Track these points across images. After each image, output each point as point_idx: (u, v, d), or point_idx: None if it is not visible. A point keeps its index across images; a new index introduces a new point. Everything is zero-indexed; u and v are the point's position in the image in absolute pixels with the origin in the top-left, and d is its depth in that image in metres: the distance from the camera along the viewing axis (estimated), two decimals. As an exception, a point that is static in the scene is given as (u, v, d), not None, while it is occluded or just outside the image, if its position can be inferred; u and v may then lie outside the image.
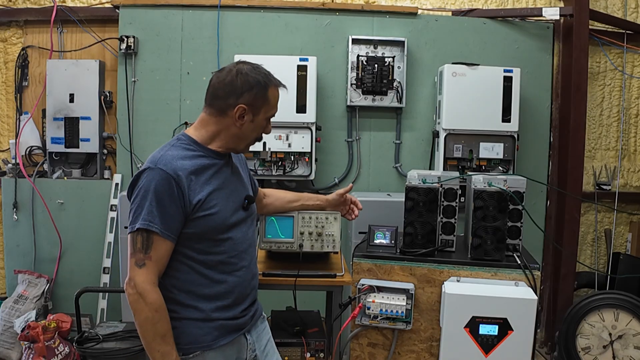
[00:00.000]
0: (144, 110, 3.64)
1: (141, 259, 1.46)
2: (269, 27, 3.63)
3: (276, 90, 1.63)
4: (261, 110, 1.60)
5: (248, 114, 1.58)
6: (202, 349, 1.55)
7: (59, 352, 3.10)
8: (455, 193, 2.09)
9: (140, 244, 1.46)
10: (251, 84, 1.57)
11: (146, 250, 1.46)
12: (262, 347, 1.77)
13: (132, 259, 1.47)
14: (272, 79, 1.62)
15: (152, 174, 1.47)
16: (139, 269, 1.45)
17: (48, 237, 3.61)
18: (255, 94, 1.58)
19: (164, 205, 1.46)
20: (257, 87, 1.58)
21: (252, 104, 1.58)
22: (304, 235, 2.13)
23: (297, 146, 3.44)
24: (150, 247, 1.46)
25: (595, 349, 3.22)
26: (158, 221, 1.45)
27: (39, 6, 3.70)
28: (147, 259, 1.46)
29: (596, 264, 3.94)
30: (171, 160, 1.50)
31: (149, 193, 1.46)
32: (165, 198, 1.46)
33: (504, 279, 2.01)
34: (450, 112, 3.46)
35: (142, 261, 1.46)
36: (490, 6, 3.83)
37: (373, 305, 1.99)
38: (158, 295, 1.47)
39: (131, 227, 1.48)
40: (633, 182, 3.96)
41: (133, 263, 1.46)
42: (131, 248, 1.47)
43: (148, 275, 1.45)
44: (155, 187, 1.46)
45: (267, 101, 1.60)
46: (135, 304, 1.45)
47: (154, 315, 1.45)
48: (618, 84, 3.91)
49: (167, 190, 1.46)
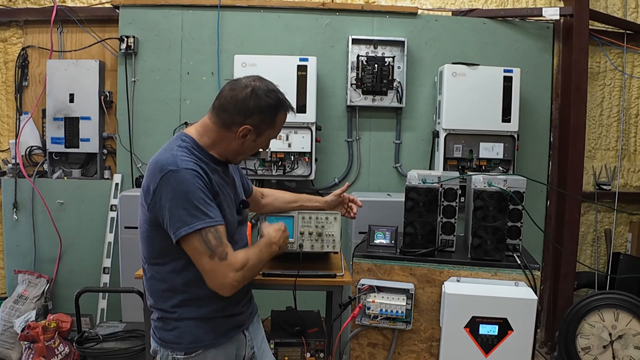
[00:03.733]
0: (144, 110, 3.64)
1: (222, 251, 1.49)
2: (269, 27, 3.63)
3: (285, 115, 1.64)
4: (265, 132, 1.62)
5: (252, 135, 1.59)
6: (204, 347, 1.58)
7: (59, 352, 3.10)
8: (455, 193, 2.09)
9: (215, 240, 1.48)
10: (262, 107, 1.57)
11: (221, 242, 1.49)
12: (258, 344, 1.81)
13: (214, 257, 1.47)
14: (284, 104, 1.63)
15: (181, 174, 1.47)
16: (226, 260, 1.49)
17: (48, 237, 3.61)
18: (263, 118, 1.58)
19: (206, 197, 1.49)
20: (267, 112, 1.58)
21: (258, 126, 1.58)
22: (304, 235, 2.12)
23: (297, 146, 3.44)
24: (222, 238, 1.50)
25: (595, 349, 3.22)
26: (212, 214, 1.49)
27: (39, 6, 3.70)
28: (226, 248, 1.50)
29: (596, 264, 3.94)
30: (188, 159, 1.52)
31: (189, 192, 1.47)
32: (203, 192, 1.49)
33: (504, 279, 2.01)
34: (450, 112, 3.46)
35: (224, 252, 1.49)
36: (490, 6, 3.83)
37: (373, 305, 1.99)
38: (243, 256, 1.53)
39: (186, 229, 1.46)
40: (633, 182, 3.96)
41: (218, 260, 1.48)
42: (206, 249, 1.47)
43: (232, 257, 1.50)
44: (191, 185, 1.47)
45: (273, 126, 1.62)
46: (249, 275, 1.55)
47: (259, 263, 1.60)
48: (618, 84, 3.91)
49: (201, 185, 1.49)
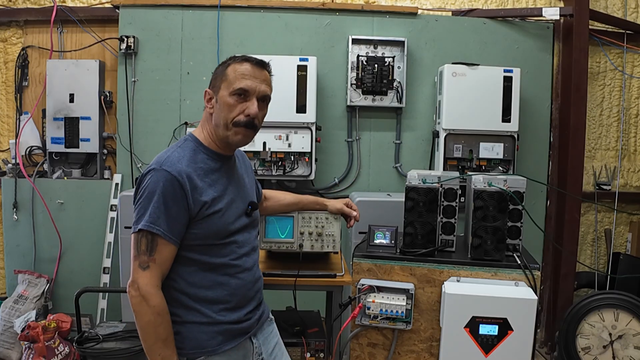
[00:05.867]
0: (144, 110, 3.64)
1: (145, 261, 1.44)
2: (269, 27, 3.63)
3: (239, 65, 1.57)
4: (221, 87, 1.57)
5: (213, 96, 1.59)
6: (206, 354, 1.53)
7: (59, 352, 3.10)
8: (455, 193, 2.09)
9: (145, 246, 1.45)
10: (217, 67, 1.62)
11: (150, 253, 1.45)
12: (269, 351, 1.74)
13: (136, 261, 1.45)
14: (236, 57, 1.60)
15: (157, 175, 1.46)
16: (143, 271, 1.44)
17: (48, 237, 3.61)
18: (216, 75, 1.60)
19: (169, 207, 1.45)
20: (219, 68, 1.61)
21: (213, 84, 1.60)
22: (304, 235, 2.12)
23: (297, 146, 3.44)
24: (154, 250, 1.45)
25: (595, 349, 3.22)
26: (163, 224, 1.44)
27: (39, 6, 3.70)
28: (151, 262, 1.45)
29: (596, 264, 3.94)
30: (177, 161, 1.49)
31: (153, 194, 1.45)
32: (169, 200, 1.45)
33: (504, 279, 2.01)
34: (450, 112, 3.46)
35: (146, 263, 1.44)
36: (490, 6, 3.83)
37: (373, 305, 1.99)
38: (161, 298, 1.46)
39: (134, 227, 1.47)
40: (633, 182, 3.96)
41: (137, 265, 1.45)
42: (135, 250, 1.46)
43: (152, 278, 1.44)
44: (160, 188, 1.45)
45: (225, 76, 1.57)
46: (138, 306, 1.44)
47: (156, 318, 1.44)
48: (618, 84, 3.91)
49: (171, 192, 1.45)
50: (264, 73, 1.60)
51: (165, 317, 1.46)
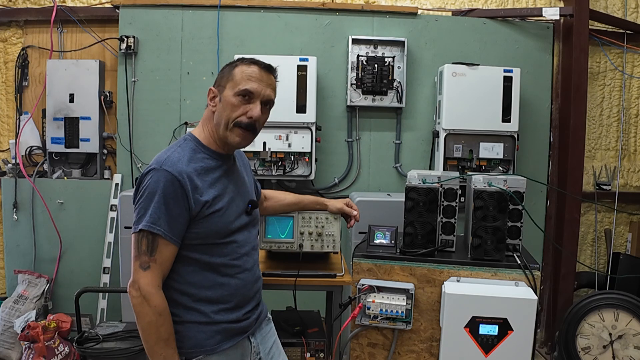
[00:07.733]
0: (144, 110, 3.64)
1: (146, 261, 1.45)
2: (269, 27, 3.63)
3: (246, 67, 1.59)
4: (226, 86, 1.58)
5: (217, 95, 1.60)
6: (205, 352, 1.54)
7: (59, 352, 3.10)
8: (455, 193, 2.09)
9: (146, 246, 1.45)
10: (224, 67, 1.63)
11: (151, 253, 1.45)
12: (267, 350, 1.75)
13: (137, 261, 1.45)
14: (244, 59, 1.62)
15: (157, 175, 1.46)
16: (144, 271, 1.44)
17: (48, 237, 3.61)
18: (222, 74, 1.61)
19: (169, 207, 1.45)
20: (226, 68, 1.62)
21: (218, 83, 1.61)
22: (304, 235, 2.12)
23: (297, 146, 3.44)
24: (155, 250, 1.45)
25: (595, 349, 3.22)
26: (163, 224, 1.45)
27: (39, 6, 3.70)
28: (152, 262, 1.45)
29: (596, 264, 3.94)
30: (177, 161, 1.49)
31: (154, 194, 1.45)
32: (170, 200, 1.45)
33: (504, 279, 2.01)
34: (450, 112, 3.46)
35: (147, 264, 1.45)
36: (490, 6, 3.83)
37: (373, 305, 1.99)
38: (162, 298, 1.46)
39: (135, 227, 1.47)
40: (633, 182, 3.96)
41: (137, 265, 1.45)
42: (135, 250, 1.46)
43: (153, 278, 1.45)
44: (160, 188, 1.45)
45: (232, 76, 1.57)
46: (139, 307, 1.44)
47: (158, 319, 1.44)
48: (618, 84, 3.91)
49: (172, 192, 1.45)
50: (270, 78, 1.62)
51: (167, 317, 1.47)
